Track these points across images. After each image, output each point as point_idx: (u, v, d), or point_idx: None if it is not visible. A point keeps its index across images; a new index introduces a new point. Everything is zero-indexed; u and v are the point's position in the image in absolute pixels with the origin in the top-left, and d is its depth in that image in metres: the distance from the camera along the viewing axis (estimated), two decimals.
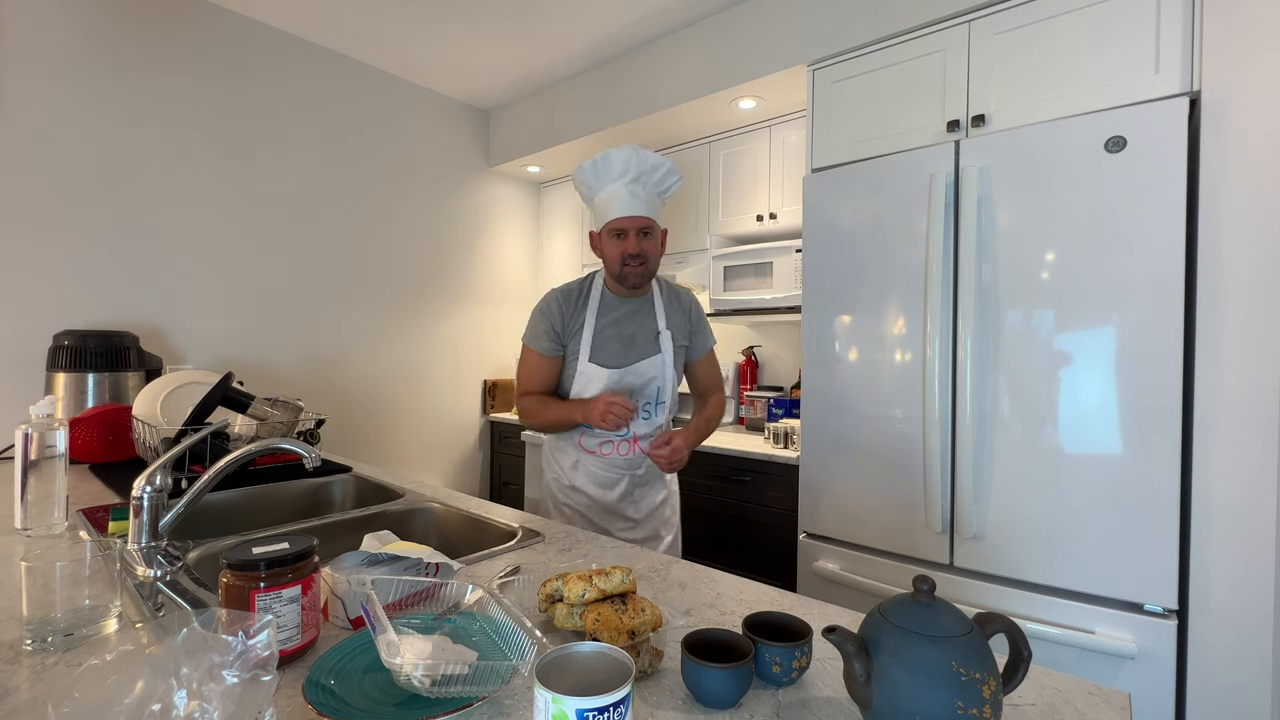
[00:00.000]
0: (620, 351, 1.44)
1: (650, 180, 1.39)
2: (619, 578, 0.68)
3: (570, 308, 1.47)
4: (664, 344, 1.46)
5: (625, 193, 1.36)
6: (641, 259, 1.38)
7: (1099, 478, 1.41)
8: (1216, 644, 1.34)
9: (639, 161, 1.37)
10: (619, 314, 1.46)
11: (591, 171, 1.40)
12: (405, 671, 0.54)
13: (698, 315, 1.55)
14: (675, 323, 1.50)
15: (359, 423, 2.86)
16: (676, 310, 1.51)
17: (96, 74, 2.10)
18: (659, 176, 1.40)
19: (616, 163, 1.37)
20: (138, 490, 0.90)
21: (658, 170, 1.39)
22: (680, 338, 1.50)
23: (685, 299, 1.54)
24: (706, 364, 1.57)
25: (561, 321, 1.46)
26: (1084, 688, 0.61)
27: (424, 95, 3.10)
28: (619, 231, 1.38)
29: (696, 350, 1.55)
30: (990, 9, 1.72)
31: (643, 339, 1.46)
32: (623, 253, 1.37)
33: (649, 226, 1.38)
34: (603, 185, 1.40)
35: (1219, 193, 1.36)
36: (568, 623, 0.68)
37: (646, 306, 1.49)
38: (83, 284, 2.09)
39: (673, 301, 1.52)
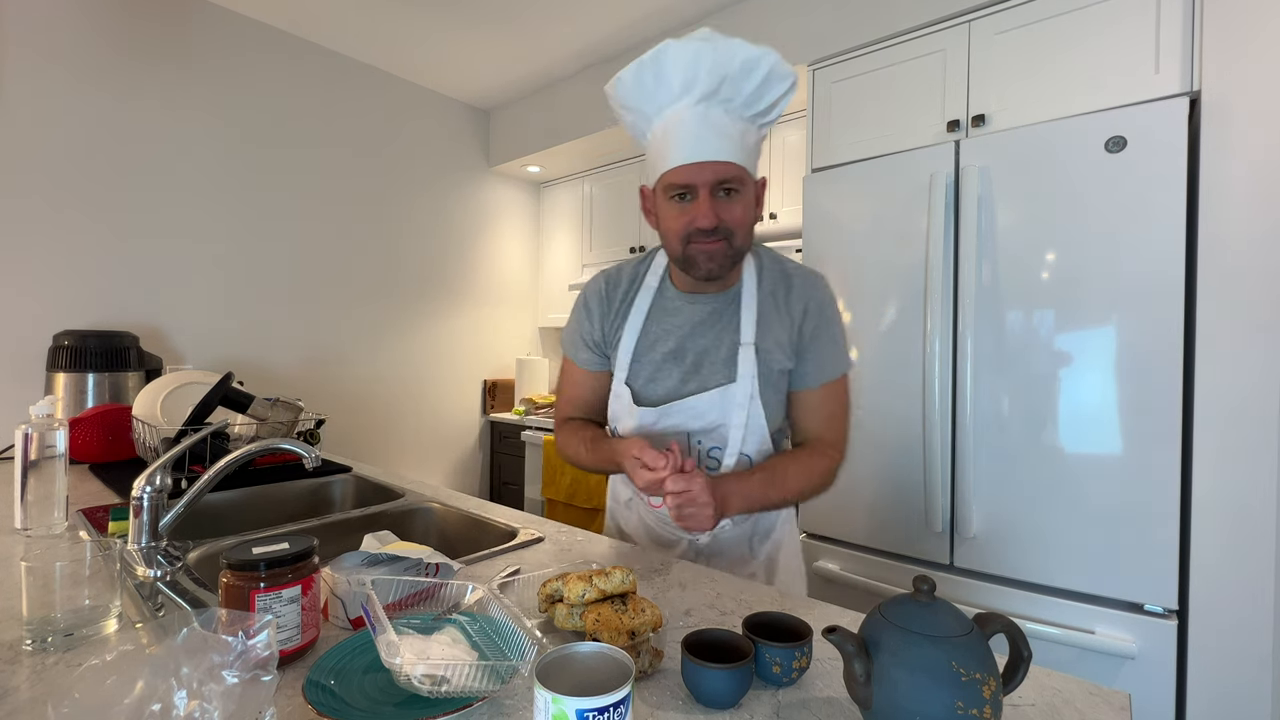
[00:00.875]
0: (672, 374, 0.98)
1: (739, 93, 0.85)
2: (619, 578, 0.68)
3: (613, 302, 1.04)
4: (743, 366, 0.93)
5: (693, 120, 0.85)
6: (720, 234, 0.87)
7: (1099, 478, 1.41)
8: (1216, 644, 1.34)
9: (716, 59, 0.82)
10: (682, 318, 0.99)
11: (634, 85, 0.88)
12: (405, 672, 0.54)
13: (819, 321, 0.96)
14: (773, 331, 0.95)
15: (359, 423, 2.86)
16: (780, 310, 0.96)
17: (97, 74, 2.10)
18: (754, 84, 0.85)
19: (676, 65, 0.84)
20: (138, 490, 0.90)
21: (752, 72, 0.84)
22: (779, 355, 0.95)
23: (801, 291, 0.97)
24: (819, 401, 0.97)
25: (601, 322, 1.04)
26: (1084, 688, 0.61)
27: (424, 95, 3.10)
28: (680, 190, 0.87)
29: (805, 376, 0.96)
30: (990, 9, 1.72)
31: (716, 358, 0.96)
32: (687, 226, 0.87)
33: (734, 178, 0.86)
34: (655, 109, 0.89)
35: (1219, 193, 1.36)
36: (568, 623, 0.68)
37: (728, 306, 0.97)
38: (83, 284, 2.09)
39: (776, 295, 0.97)
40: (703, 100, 0.85)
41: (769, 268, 1.00)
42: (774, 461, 0.95)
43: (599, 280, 1.07)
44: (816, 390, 0.97)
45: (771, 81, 0.86)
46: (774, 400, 0.97)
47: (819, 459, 0.96)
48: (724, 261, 0.90)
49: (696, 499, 0.82)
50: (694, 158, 0.84)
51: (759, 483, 0.90)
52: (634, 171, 3.11)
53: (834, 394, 0.98)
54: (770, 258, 1.01)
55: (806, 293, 0.97)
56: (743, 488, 0.89)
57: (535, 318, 3.70)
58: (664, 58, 0.85)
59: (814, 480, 0.95)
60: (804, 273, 1.00)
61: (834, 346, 0.97)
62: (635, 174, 3.11)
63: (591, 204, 3.33)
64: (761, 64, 0.85)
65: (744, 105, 0.87)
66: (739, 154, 0.86)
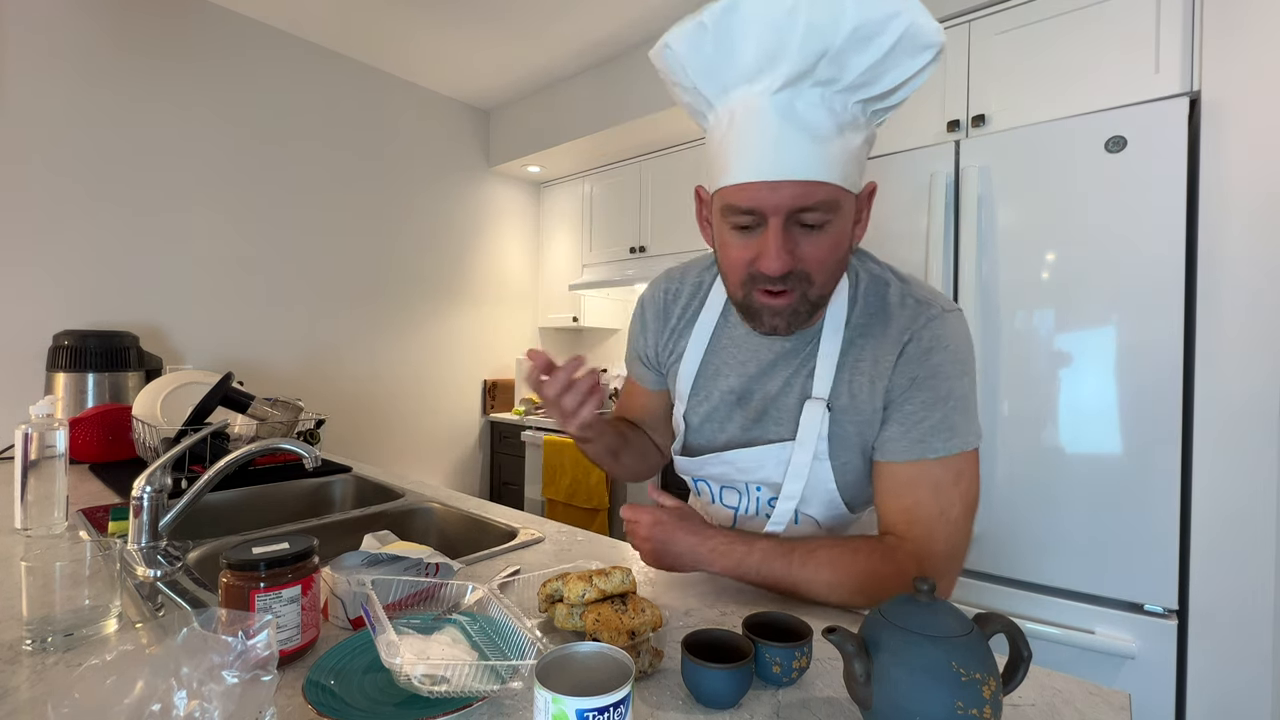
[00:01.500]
0: (733, 419, 0.81)
1: (846, 71, 0.59)
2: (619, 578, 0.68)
3: (669, 317, 0.87)
4: (806, 425, 0.74)
5: (771, 115, 0.60)
6: (792, 282, 0.65)
7: (1099, 478, 1.41)
8: (1216, 644, 1.34)
9: (813, 22, 0.56)
10: (747, 354, 0.80)
11: (689, 55, 0.63)
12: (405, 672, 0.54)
13: (918, 371, 0.70)
14: (851, 381, 0.73)
15: (359, 423, 2.86)
16: (867, 353, 0.73)
17: (98, 74, 2.10)
18: (874, 58, 0.58)
19: (751, 30, 0.59)
20: (138, 490, 0.90)
21: (872, 40, 0.57)
22: (853, 416, 0.73)
23: (901, 329, 0.72)
24: (901, 483, 0.71)
25: (655, 338, 0.89)
26: (1084, 688, 0.61)
27: (424, 95, 3.10)
28: (744, 216, 0.64)
29: (886, 442, 0.72)
30: (990, 9, 1.72)
31: (784, 406, 0.77)
32: (749, 266, 0.66)
33: (823, 204, 0.61)
34: (718, 89, 0.64)
35: (1219, 193, 1.36)
36: (568, 623, 0.68)
37: (806, 344, 0.76)
38: (83, 284, 2.09)
39: (869, 333, 0.73)
40: (790, 84, 0.59)
41: (867, 294, 0.74)
42: (803, 539, 0.72)
43: (659, 286, 0.89)
44: (902, 466, 0.70)
45: (899, 53, 0.58)
46: (858, 467, 0.75)
47: (871, 557, 0.68)
48: (795, 318, 0.68)
49: (636, 532, 0.73)
50: (765, 175, 0.60)
51: (760, 553, 0.70)
52: (634, 171, 3.11)
53: (927, 479, 0.69)
54: (873, 278, 0.75)
55: (905, 331, 0.71)
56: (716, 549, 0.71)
57: (535, 318, 3.69)
58: (734, 16, 0.59)
59: (854, 581, 0.68)
60: (912, 303, 0.72)
61: (938, 411, 0.69)
62: (635, 174, 3.11)
63: (591, 204, 3.33)
64: (889, 28, 0.57)
65: (853, 88, 0.60)
66: (837, 165, 0.61)
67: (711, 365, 0.83)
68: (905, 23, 0.57)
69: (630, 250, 3.11)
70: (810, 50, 0.58)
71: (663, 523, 0.71)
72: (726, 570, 0.72)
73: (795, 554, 0.70)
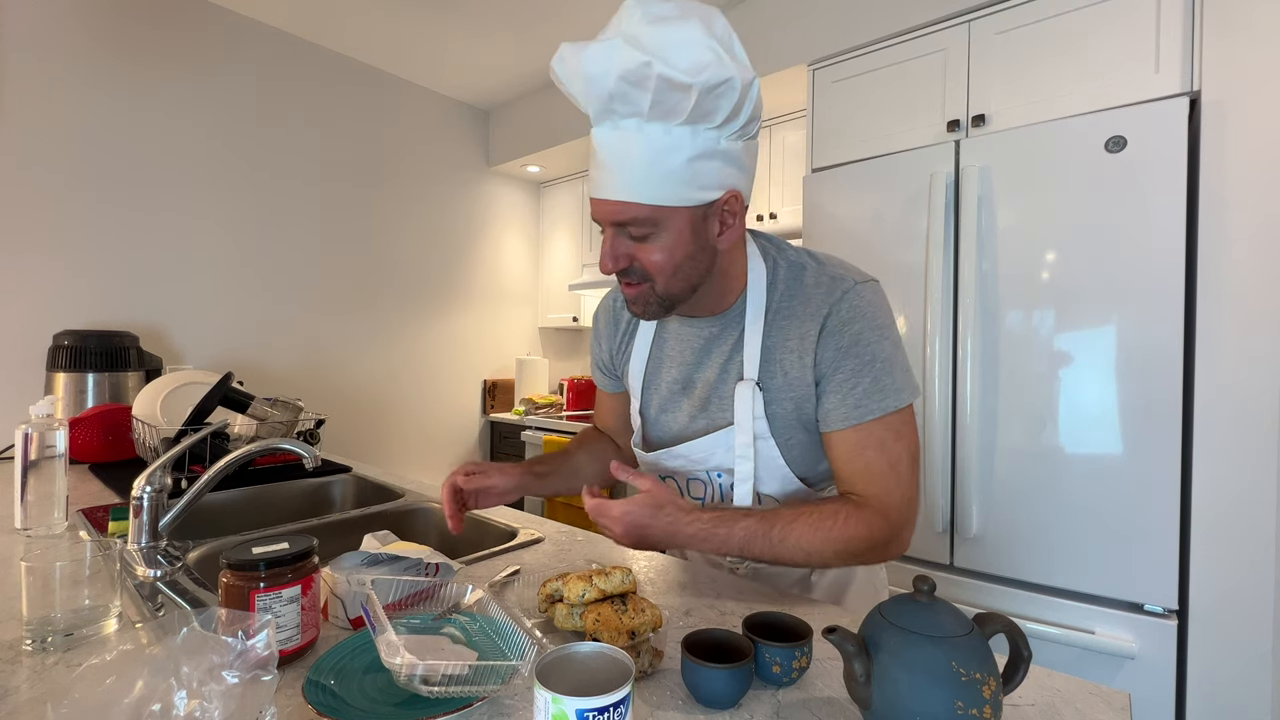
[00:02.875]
0: (681, 408, 0.86)
1: (639, 105, 0.65)
2: (619, 578, 0.68)
3: (620, 321, 0.95)
4: (740, 406, 0.78)
5: (599, 142, 0.71)
6: (635, 277, 0.75)
7: (1099, 478, 1.41)
8: (1216, 644, 1.34)
9: (589, 73, 0.65)
10: (683, 344, 0.86)
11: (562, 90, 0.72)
12: (405, 672, 0.54)
13: (841, 341, 0.75)
14: (782, 360, 0.78)
15: (359, 423, 2.86)
16: (790, 332, 0.78)
17: (97, 74, 2.10)
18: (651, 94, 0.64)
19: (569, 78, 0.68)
20: (138, 490, 0.90)
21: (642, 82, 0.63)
22: (789, 392, 0.78)
23: (820, 305, 0.77)
24: (850, 448, 0.76)
25: (608, 343, 0.97)
26: (1084, 688, 0.61)
27: (424, 95, 3.10)
28: (600, 226, 0.76)
29: (828, 414, 0.76)
30: (990, 9, 1.72)
31: (724, 392, 0.82)
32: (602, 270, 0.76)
33: (637, 220, 0.70)
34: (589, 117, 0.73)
35: (1219, 193, 1.36)
36: (568, 623, 0.68)
37: (729, 329, 0.82)
38: (83, 284, 2.09)
39: (789, 313, 0.78)
40: (601, 119, 0.69)
41: (786, 279, 0.79)
42: (779, 511, 0.74)
43: (609, 296, 0.98)
44: (846, 432, 0.75)
45: (669, 92, 0.63)
46: (802, 441, 0.79)
47: (845, 521, 0.72)
48: (648, 308, 0.77)
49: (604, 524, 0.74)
50: (594, 193, 0.72)
51: (741, 535, 0.72)
52: None
53: (872, 439, 0.74)
54: (788, 262, 0.81)
55: (823, 306, 0.76)
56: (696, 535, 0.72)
57: (535, 318, 3.70)
58: (563, 65, 0.68)
59: (832, 545, 0.72)
60: (826, 280, 0.77)
61: (864, 377, 0.74)
62: None
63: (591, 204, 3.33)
64: (647, 74, 0.62)
65: (661, 117, 0.66)
66: (648, 186, 0.68)
67: (655, 359, 0.90)
68: (656, 70, 0.62)
69: None
70: (598, 93, 0.66)
71: (631, 512, 0.72)
72: (711, 550, 0.74)
73: (774, 531, 0.72)
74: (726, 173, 0.72)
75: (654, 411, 0.90)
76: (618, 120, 0.68)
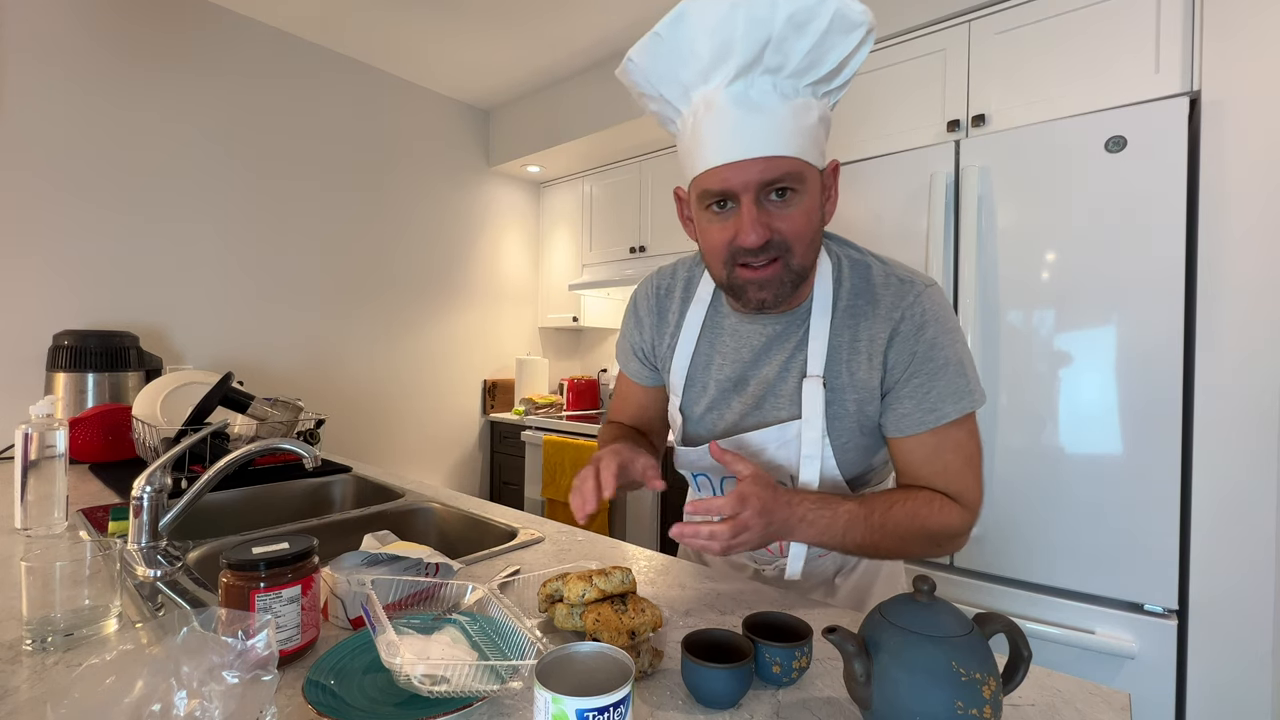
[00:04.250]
0: (732, 407, 0.83)
1: (790, 57, 0.65)
2: (619, 578, 0.68)
3: (665, 311, 0.89)
4: (808, 404, 0.76)
5: (729, 104, 0.66)
6: (773, 251, 0.69)
7: (1099, 478, 1.41)
8: (1216, 644, 1.34)
9: (753, 15, 0.62)
10: (740, 341, 0.82)
11: (651, 64, 0.70)
12: (405, 672, 0.54)
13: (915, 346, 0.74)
14: (849, 361, 0.76)
15: (359, 423, 2.86)
16: (859, 334, 0.76)
17: (97, 74, 2.10)
18: (811, 41, 0.64)
19: (700, 32, 0.65)
20: (138, 490, 0.90)
21: (807, 25, 0.63)
22: (853, 393, 0.76)
23: (890, 308, 0.75)
24: (928, 452, 0.75)
25: (652, 333, 0.91)
26: (1084, 688, 0.61)
27: (424, 95, 3.10)
28: (718, 199, 0.69)
29: (903, 419, 0.75)
30: (990, 9, 1.72)
31: (781, 391, 0.79)
32: (729, 244, 0.70)
33: (789, 175, 0.67)
34: (680, 92, 0.70)
35: (1219, 193, 1.36)
36: (568, 623, 0.68)
37: (795, 327, 0.79)
38: (83, 284, 2.09)
39: (855, 314, 0.77)
40: (741, 75, 0.65)
41: (851, 276, 0.77)
42: (875, 496, 0.72)
43: (650, 283, 0.91)
44: (923, 436, 0.74)
45: (834, 34, 0.64)
46: (857, 444, 0.78)
47: (941, 510, 0.72)
48: (780, 289, 0.71)
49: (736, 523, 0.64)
50: (732, 156, 0.65)
51: (845, 519, 0.69)
52: (634, 171, 3.11)
53: (949, 442, 0.73)
54: (853, 261, 0.79)
55: (895, 310, 0.74)
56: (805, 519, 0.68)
57: (535, 318, 3.69)
58: (683, 24, 0.65)
59: (926, 532, 0.71)
60: (896, 282, 0.76)
61: (939, 381, 0.73)
62: (635, 174, 3.10)
63: (591, 204, 3.33)
64: (820, 12, 0.62)
65: (800, 73, 0.66)
66: (795, 141, 0.66)
67: (704, 355, 0.85)
68: (834, 6, 0.63)
69: (630, 250, 3.11)
70: (754, 41, 0.63)
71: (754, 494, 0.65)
72: (810, 539, 0.71)
73: (874, 516, 0.71)
74: (827, 142, 0.72)
75: (699, 410, 0.85)
76: (755, 77, 0.66)
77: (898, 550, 0.74)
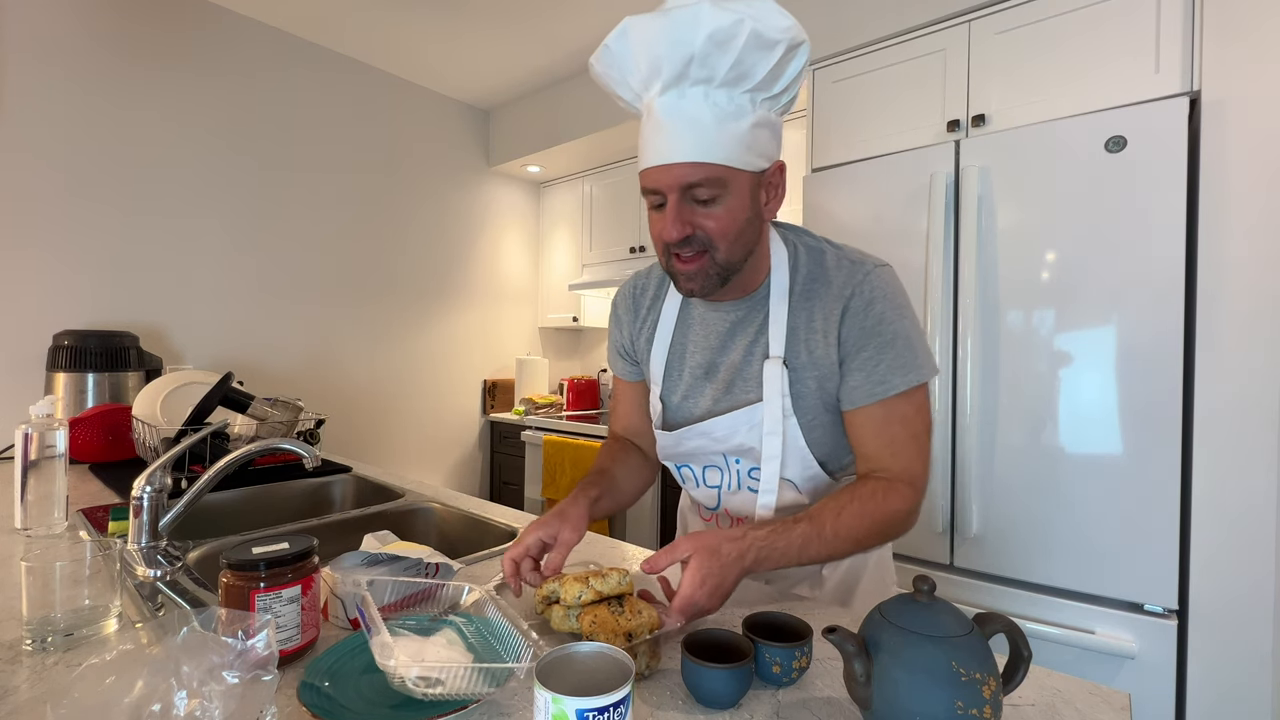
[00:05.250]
0: (705, 393, 0.87)
1: (716, 70, 0.69)
2: (615, 579, 0.68)
3: (640, 309, 0.95)
4: (769, 384, 0.80)
5: (661, 112, 0.72)
6: (697, 246, 0.74)
7: (1099, 478, 1.41)
8: (1216, 644, 1.34)
9: (675, 36, 0.68)
10: (708, 328, 0.87)
11: (604, 73, 0.77)
12: (399, 674, 0.53)
13: (865, 321, 0.78)
14: (807, 340, 0.81)
15: (359, 423, 2.86)
16: (814, 314, 0.81)
17: (97, 74, 2.10)
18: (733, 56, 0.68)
19: (638, 47, 0.71)
20: (138, 490, 0.90)
21: (728, 43, 0.67)
22: (814, 371, 0.80)
23: (841, 287, 0.80)
24: (877, 423, 0.79)
25: (630, 330, 0.97)
26: (1084, 688, 0.61)
27: (424, 95, 3.10)
28: (653, 199, 0.76)
29: (853, 391, 0.79)
30: (990, 9, 1.72)
31: (749, 374, 0.83)
32: (662, 239, 0.76)
33: (707, 181, 0.71)
34: (634, 97, 0.77)
35: (1219, 193, 1.36)
36: (564, 625, 0.68)
37: (755, 312, 0.84)
38: (83, 284, 2.09)
39: (811, 296, 0.81)
40: (671, 86, 0.71)
41: (803, 259, 0.83)
42: (823, 506, 0.75)
43: (628, 285, 0.98)
44: (871, 409, 0.78)
45: (753, 50, 0.68)
46: (824, 422, 0.82)
47: (885, 499, 0.75)
48: (707, 281, 0.77)
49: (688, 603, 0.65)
50: (659, 159, 0.72)
51: (800, 542, 0.71)
52: (634, 171, 3.11)
53: (896, 413, 0.78)
54: (808, 248, 0.84)
55: (846, 288, 0.79)
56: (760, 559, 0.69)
57: (535, 318, 3.69)
58: (626, 38, 0.72)
59: (878, 526, 0.75)
60: (847, 264, 0.81)
61: (887, 353, 0.77)
62: (635, 173, 3.10)
63: (591, 204, 3.33)
64: (737, 31, 0.66)
65: (730, 84, 0.70)
66: (720, 149, 0.70)
67: (679, 345, 0.90)
68: (750, 26, 0.67)
69: (630, 250, 3.11)
70: (679, 57, 0.69)
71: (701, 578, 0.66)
72: (772, 568, 0.73)
73: (827, 529, 0.73)
74: (774, 145, 0.76)
75: (676, 399, 0.90)
76: (685, 88, 0.71)
77: (856, 550, 0.77)
